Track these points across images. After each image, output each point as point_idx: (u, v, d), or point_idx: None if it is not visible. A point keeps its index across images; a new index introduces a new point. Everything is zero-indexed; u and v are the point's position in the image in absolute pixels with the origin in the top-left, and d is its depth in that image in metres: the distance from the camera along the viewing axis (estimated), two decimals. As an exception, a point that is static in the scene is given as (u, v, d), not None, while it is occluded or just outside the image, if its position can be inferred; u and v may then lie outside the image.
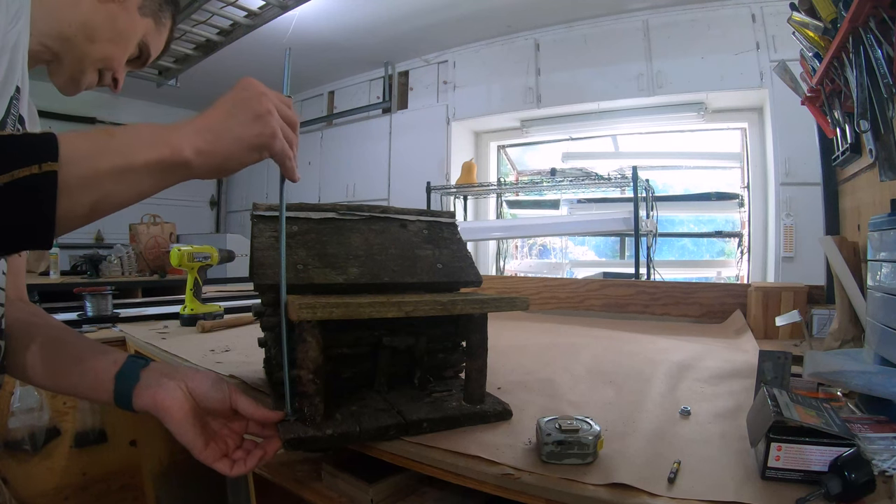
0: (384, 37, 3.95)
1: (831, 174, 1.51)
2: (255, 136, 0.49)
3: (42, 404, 1.23)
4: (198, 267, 1.44)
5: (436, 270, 0.77)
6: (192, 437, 0.56)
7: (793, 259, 2.90)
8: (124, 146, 0.45)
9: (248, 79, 0.51)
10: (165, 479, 1.36)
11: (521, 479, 0.52)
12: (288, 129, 0.52)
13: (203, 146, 0.47)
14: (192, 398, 0.58)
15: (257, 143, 0.50)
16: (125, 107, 5.23)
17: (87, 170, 0.43)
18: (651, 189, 3.27)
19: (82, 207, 0.43)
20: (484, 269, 4.19)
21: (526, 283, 1.95)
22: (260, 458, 0.59)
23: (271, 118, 0.50)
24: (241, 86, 0.51)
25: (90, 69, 0.69)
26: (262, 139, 0.50)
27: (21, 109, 0.61)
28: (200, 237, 4.22)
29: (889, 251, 0.71)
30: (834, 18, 1.10)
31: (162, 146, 0.45)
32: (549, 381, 0.86)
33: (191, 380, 0.59)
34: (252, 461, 0.59)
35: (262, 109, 0.49)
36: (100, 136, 0.45)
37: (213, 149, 0.48)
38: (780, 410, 0.51)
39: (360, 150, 4.68)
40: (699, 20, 3.24)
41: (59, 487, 1.26)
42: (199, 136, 0.47)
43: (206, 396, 0.58)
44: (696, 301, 1.57)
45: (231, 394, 0.60)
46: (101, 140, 0.44)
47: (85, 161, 0.43)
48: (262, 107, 0.50)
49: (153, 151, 0.45)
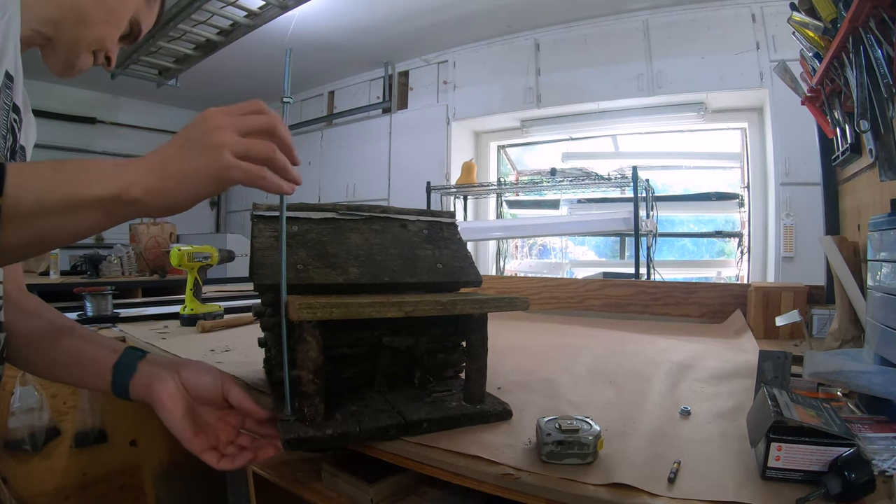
0: (384, 37, 3.96)
1: (831, 174, 1.51)
2: (206, 170, 0.47)
3: (42, 404, 1.23)
4: (198, 267, 1.44)
5: (436, 270, 0.77)
6: (181, 426, 0.59)
7: (793, 259, 2.90)
8: (73, 181, 0.44)
9: (206, 112, 0.49)
10: (165, 479, 1.36)
11: (521, 479, 0.52)
12: (257, 145, 0.49)
13: (153, 185, 0.45)
14: (183, 388, 0.61)
15: (210, 178, 0.47)
16: (125, 107, 5.24)
17: (34, 203, 0.42)
18: (651, 189, 3.27)
19: (26, 240, 0.43)
20: (484, 269, 4.20)
21: (526, 283, 1.95)
22: (250, 459, 0.60)
23: (222, 151, 0.47)
24: (195, 121, 0.49)
25: (84, 52, 0.69)
26: (215, 172, 0.47)
27: (15, 98, 0.60)
28: (200, 237, 4.23)
29: (889, 251, 0.71)
30: (834, 18, 1.10)
31: (111, 182, 0.44)
32: (549, 381, 0.86)
33: (183, 370, 0.62)
34: (241, 460, 0.60)
35: (213, 143, 0.47)
36: (48, 169, 0.44)
37: (162, 187, 0.46)
38: (780, 410, 0.51)
39: (360, 150, 4.68)
40: (699, 20, 3.24)
41: (59, 487, 1.26)
42: (150, 175, 0.46)
43: (197, 386, 0.61)
44: (696, 301, 1.57)
45: (224, 383, 0.61)
46: (49, 174, 0.43)
47: (31, 194, 0.42)
48: (212, 140, 0.47)
49: (102, 187, 0.44)
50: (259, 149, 0.49)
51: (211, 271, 1.54)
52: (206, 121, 0.48)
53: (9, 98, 0.58)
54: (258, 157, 0.49)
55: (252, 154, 0.48)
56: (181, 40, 3.38)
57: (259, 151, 0.49)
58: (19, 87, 0.61)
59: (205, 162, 0.46)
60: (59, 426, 1.27)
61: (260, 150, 0.49)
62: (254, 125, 0.50)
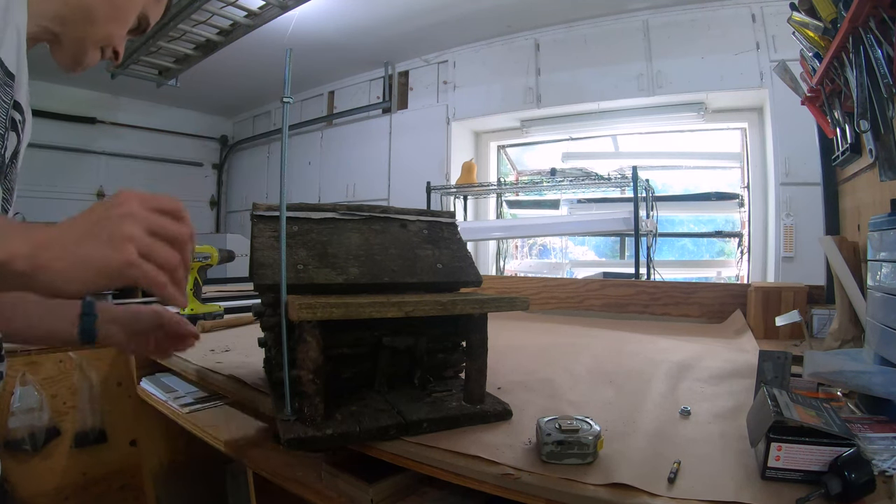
0: (384, 37, 3.95)
1: (831, 174, 1.51)
2: (105, 260, 0.43)
3: (42, 404, 1.23)
4: (198, 267, 1.44)
5: (436, 270, 0.77)
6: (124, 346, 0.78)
7: (793, 259, 2.90)
8: None
9: (124, 194, 0.46)
10: (165, 479, 1.36)
11: (521, 479, 0.52)
12: (164, 251, 0.46)
13: (44, 261, 0.42)
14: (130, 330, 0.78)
15: (107, 270, 0.43)
16: (125, 107, 5.23)
17: None
18: (651, 189, 3.27)
19: None
20: (484, 269, 4.19)
21: (526, 283, 1.95)
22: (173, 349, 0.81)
23: (127, 245, 0.44)
24: (109, 203, 0.46)
25: (91, 49, 0.69)
26: (114, 266, 0.43)
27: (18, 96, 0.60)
28: (200, 237, 4.19)
29: (889, 251, 0.71)
30: (834, 18, 1.10)
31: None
32: (549, 381, 0.86)
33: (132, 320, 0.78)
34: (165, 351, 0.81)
35: (120, 233, 0.44)
36: None
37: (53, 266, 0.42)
38: (780, 410, 0.51)
39: (360, 150, 4.67)
40: (699, 20, 3.24)
41: (59, 487, 1.26)
42: (44, 250, 0.42)
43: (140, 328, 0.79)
44: (696, 301, 1.57)
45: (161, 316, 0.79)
46: None
47: None
48: (120, 230, 0.44)
49: None
50: (165, 256, 0.46)
51: (211, 271, 1.54)
52: (121, 205, 0.45)
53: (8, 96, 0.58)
54: (162, 264, 0.46)
55: (156, 258, 0.45)
56: (181, 40, 3.37)
57: (164, 259, 0.46)
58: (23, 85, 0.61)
59: (107, 252, 0.43)
60: (59, 426, 1.27)
61: (166, 257, 0.46)
62: (167, 231, 0.47)
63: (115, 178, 5.15)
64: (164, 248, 0.46)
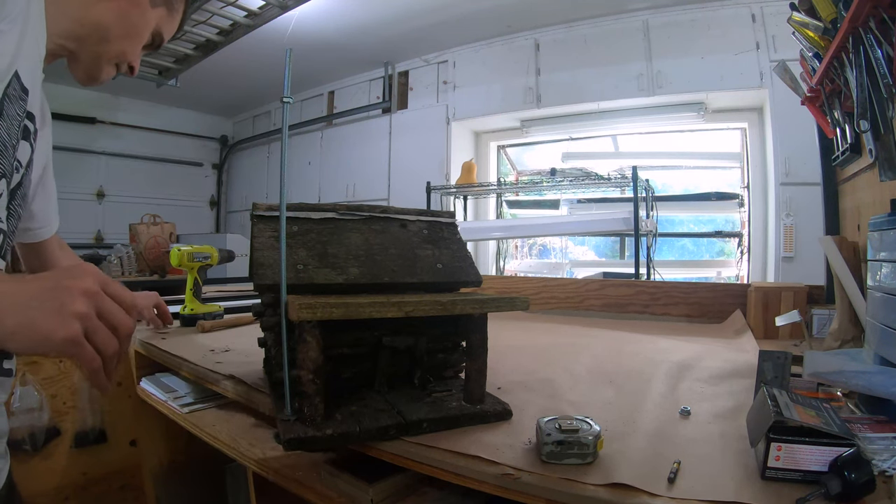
0: (384, 37, 3.95)
1: (831, 174, 1.51)
2: (49, 331, 0.43)
3: (42, 404, 1.23)
4: (198, 267, 1.44)
5: (436, 270, 0.77)
6: None
7: (793, 259, 2.90)
8: None
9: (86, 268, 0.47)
10: (165, 479, 1.36)
11: (521, 479, 0.52)
12: (106, 336, 0.46)
13: None
14: None
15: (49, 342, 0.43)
16: (125, 107, 5.23)
17: None
18: (651, 189, 3.27)
19: None
20: (484, 269, 4.19)
21: (526, 283, 1.95)
22: None
23: (75, 321, 0.43)
24: (71, 272, 0.46)
25: (106, 65, 0.70)
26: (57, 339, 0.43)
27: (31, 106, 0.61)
28: (200, 237, 4.22)
29: (889, 251, 0.71)
30: (834, 18, 1.10)
31: None
32: (549, 381, 0.86)
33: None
34: None
35: (71, 308, 0.43)
36: None
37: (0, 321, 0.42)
38: (780, 410, 0.51)
39: (360, 150, 4.68)
40: (699, 20, 3.24)
41: (59, 487, 1.26)
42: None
43: None
44: (696, 301, 1.57)
45: None
46: None
47: None
48: (72, 304, 0.43)
49: None
50: (107, 342, 0.46)
51: (211, 271, 1.53)
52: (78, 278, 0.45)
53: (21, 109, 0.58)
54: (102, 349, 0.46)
55: (97, 341, 0.45)
56: (181, 40, 3.38)
57: (105, 345, 0.46)
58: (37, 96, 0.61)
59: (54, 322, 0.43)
60: (59, 426, 1.27)
61: (107, 344, 0.46)
62: (114, 318, 0.47)
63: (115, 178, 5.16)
64: (107, 333, 0.46)
